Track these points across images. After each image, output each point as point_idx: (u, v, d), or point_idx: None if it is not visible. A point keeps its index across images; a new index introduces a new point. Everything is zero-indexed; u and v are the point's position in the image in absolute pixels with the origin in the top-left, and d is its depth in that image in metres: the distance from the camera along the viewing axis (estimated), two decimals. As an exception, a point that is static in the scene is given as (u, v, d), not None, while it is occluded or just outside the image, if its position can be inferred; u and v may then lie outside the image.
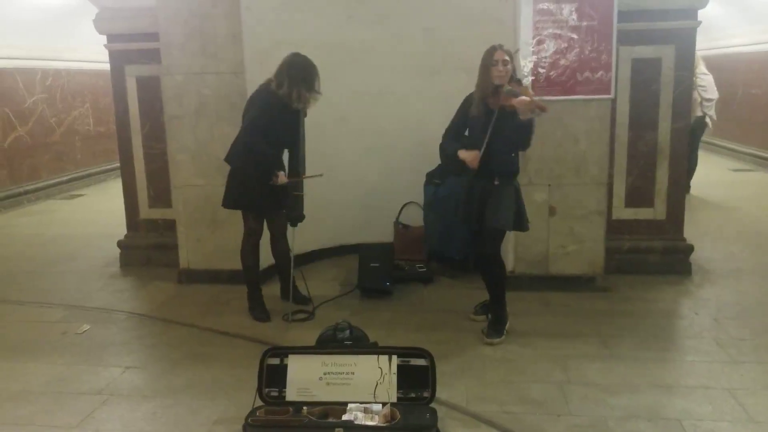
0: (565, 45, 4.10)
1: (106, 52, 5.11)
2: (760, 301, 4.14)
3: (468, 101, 3.55)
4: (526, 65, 4.12)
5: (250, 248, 4.00)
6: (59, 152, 8.62)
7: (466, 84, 3.58)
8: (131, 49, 4.97)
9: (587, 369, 3.26)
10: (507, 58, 3.38)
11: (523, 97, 3.21)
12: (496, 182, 3.47)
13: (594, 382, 3.12)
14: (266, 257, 4.20)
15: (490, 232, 3.52)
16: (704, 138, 7.44)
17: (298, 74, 3.71)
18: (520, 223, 3.58)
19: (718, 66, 8.83)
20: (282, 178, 3.79)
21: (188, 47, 4.41)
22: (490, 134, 3.36)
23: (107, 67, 5.15)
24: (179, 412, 2.96)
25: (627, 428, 2.73)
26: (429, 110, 3.63)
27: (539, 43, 4.10)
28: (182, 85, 4.46)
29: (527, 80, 4.11)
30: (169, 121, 4.57)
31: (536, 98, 3.28)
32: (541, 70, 4.13)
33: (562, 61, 4.12)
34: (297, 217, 3.91)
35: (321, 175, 3.96)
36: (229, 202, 3.93)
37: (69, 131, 8.79)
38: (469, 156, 3.44)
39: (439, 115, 3.79)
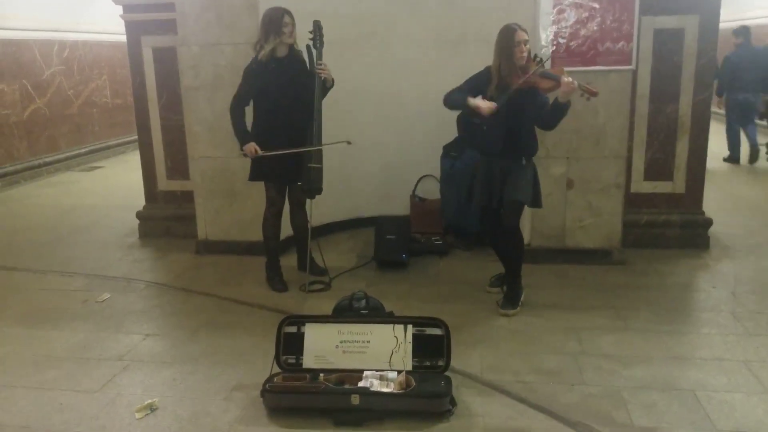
0: (586, 15, 4.03)
1: (123, 23, 5.12)
2: (779, 276, 4.11)
3: (484, 74, 3.47)
4: (546, 35, 4.06)
5: (271, 219, 4.02)
6: (77, 124, 8.68)
7: (487, 55, 3.51)
8: (147, 19, 4.97)
9: (602, 341, 3.27)
10: (527, 37, 3.35)
11: (568, 80, 3.16)
12: (523, 162, 3.45)
13: (608, 354, 3.13)
14: (284, 229, 4.22)
15: (510, 205, 3.51)
16: (719, 110, 7.47)
17: (266, 25, 3.69)
18: (536, 200, 3.58)
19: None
20: (251, 150, 3.74)
21: (204, 18, 4.39)
22: (510, 113, 3.33)
23: (124, 38, 5.16)
24: (198, 378, 3.02)
25: (641, 399, 2.74)
26: (449, 82, 3.58)
27: (560, 12, 4.03)
28: (198, 57, 4.46)
29: (547, 51, 4.06)
30: (186, 93, 4.57)
31: (580, 83, 3.22)
32: (561, 41, 4.07)
33: (583, 31, 4.05)
34: (312, 190, 3.88)
35: (349, 143, 3.90)
36: (251, 174, 3.95)
37: (87, 103, 8.85)
38: (484, 104, 3.28)
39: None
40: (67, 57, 8.39)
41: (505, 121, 3.37)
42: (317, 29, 3.76)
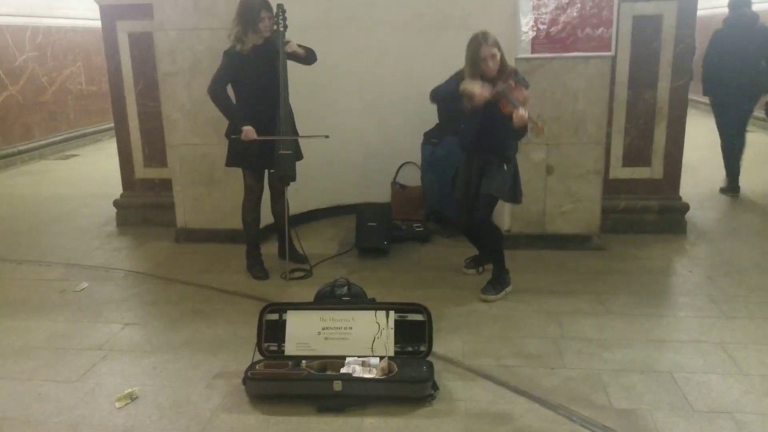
0: (566, 1, 4.03)
1: (98, 8, 5.01)
2: (754, 260, 4.18)
3: (459, 79, 3.40)
4: (526, 21, 4.05)
5: (249, 205, 3.99)
6: (52, 112, 8.52)
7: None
8: (123, 3, 4.87)
9: (582, 325, 3.31)
10: (495, 50, 3.24)
11: (522, 113, 3.10)
12: (502, 163, 3.42)
13: (588, 337, 3.17)
14: (265, 216, 4.20)
15: (484, 198, 3.53)
16: (700, 99, 7.27)
17: (244, 17, 3.66)
18: (514, 196, 3.56)
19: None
20: (249, 134, 3.70)
21: (181, 2, 4.32)
22: (483, 116, 3.33)
23: (99, 24, 5.06)
24: (179, 366, 3.00)
25: (620, 381, 2.78)
26: (430, 69, 3.57)
27: (539, -2, 4.03)
28: (176, 42, 4.39)
29: (526, 38, 4.06)
30: (163, 79, 4.50)
31: (534, 116, 3.14)
32: (541, 27, 4.07)
33: (563, 17, 4.05)
34: (285, 177, 3.83)
35: (327, 137, 3.91)
36: (227, 160, 3.93)
37: (61, 90, 8.68)
38: (478, 89, 3.19)
39: (439, 73, 3.68)
40: (40, 43, 8.20)
41: (479, 122, 3.38)
42: (281, 12, 3.73)
